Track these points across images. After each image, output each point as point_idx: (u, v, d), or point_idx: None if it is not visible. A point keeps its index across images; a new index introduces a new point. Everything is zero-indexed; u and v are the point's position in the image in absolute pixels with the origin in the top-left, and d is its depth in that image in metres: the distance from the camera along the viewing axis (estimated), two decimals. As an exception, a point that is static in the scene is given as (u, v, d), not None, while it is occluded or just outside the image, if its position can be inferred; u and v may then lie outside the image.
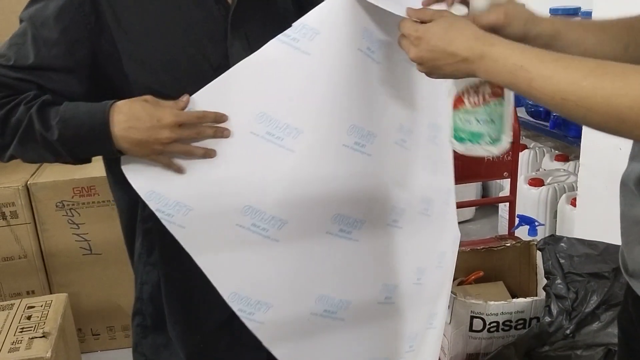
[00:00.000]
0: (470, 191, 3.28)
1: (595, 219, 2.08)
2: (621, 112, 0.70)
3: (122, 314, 2.36)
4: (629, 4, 1.01)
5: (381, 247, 1.17)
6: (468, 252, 1.94)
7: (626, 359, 1.02)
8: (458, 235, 1.34)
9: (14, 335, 1.72)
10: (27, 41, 0.98)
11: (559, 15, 2.73)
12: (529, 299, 1.71)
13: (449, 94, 0.99)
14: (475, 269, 1.97)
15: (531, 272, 1.99)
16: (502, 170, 2.39)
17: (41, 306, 1.88)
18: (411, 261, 1.22)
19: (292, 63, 0.97)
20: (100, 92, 1.01)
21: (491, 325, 1.70)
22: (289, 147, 1.00)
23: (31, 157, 1.01)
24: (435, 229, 1.26)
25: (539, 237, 2.63)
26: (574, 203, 2.47)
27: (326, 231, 1.09)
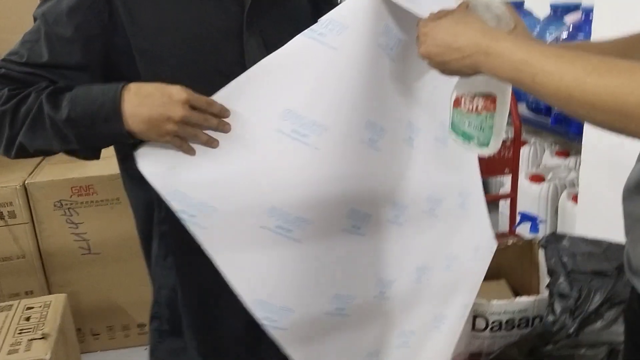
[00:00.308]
0: (470, 188, 3.26)
1: (596, 216, 2.07)
2: (627, 110, 0.69)
3: (122, 313, 2.35)
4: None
5: (382, 241, 1.16)
6: (470, 250, 1.93)
7: (632, 355, 1.02)
8: (488, 246, 1.29)
9: (13, 337, 1.71)
10: (41, 38, 0.97)
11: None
12: (531, 297, 1.70)
13: (452, 93, 1.01)
14: (476, 267, 1.96)
15: (533, 270, 1.98)
16: (503, 167, 2.38)
17: (40, 307, 1.86)
18: (412, 259, 1.21)
19: (318, 58, 0.95)
20: None
21: (494, 324, 1.69)
22: (315, 144, 0.97)
23: (39, 144, 0.98)
24: (443, 230, 1.24)
25: (540, 234, 2.63)
26: (575, 199, 2.46)
27: (342, 228, 1.07)
